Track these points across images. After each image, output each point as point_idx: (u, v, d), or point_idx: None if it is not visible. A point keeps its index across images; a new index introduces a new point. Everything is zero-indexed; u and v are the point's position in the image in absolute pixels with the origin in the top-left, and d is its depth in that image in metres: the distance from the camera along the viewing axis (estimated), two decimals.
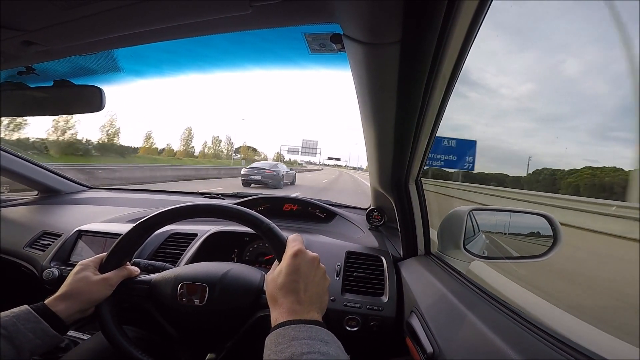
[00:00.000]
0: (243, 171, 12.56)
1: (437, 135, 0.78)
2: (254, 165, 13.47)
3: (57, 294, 0.62)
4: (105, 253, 0.70)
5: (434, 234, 1.04)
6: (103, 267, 0.68)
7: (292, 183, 14.06)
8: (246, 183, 12.02)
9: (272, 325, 0.47)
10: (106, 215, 1.41)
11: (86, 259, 0.68)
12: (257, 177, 12.01)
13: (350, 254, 1.04)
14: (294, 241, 0.57)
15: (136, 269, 0.72)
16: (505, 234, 1.10)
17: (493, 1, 0.43)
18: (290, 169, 15.50)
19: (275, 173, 12.35)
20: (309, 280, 0.52)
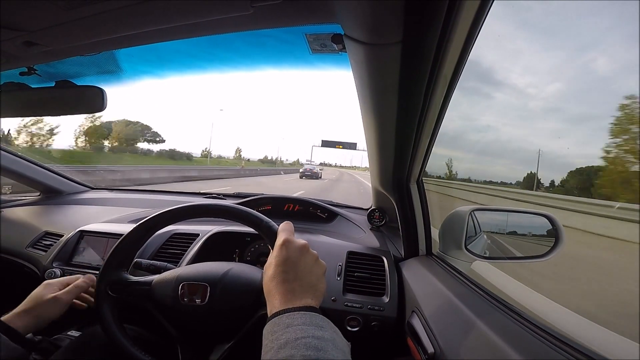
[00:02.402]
0: (300, 170, 24.01)
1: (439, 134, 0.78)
2: (305, 167, 25.67)
3: (16, 310, 0.68)
4: (75, 277, 0.76)
5: (435, 234, 1.04)
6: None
7: (320, 177, 23.07)
8: (301, 176, 21.48)
9: (268, 316, 0.47)
10: (108, 216, 1.41)
11: (53, 279, 0.75)
12: (308, 173, 21.83)
13: (351, 254, 1.04)
14: (282, 231, 0.57)
15: (87, 281, 0.77)
16: (507, 234, 1.10)
17: (494, 1, 0.42)
18: (320, 169, 26.63)
19: (316, 170, 22.95)
20: (299, 269, 0.52)
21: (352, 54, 0.55)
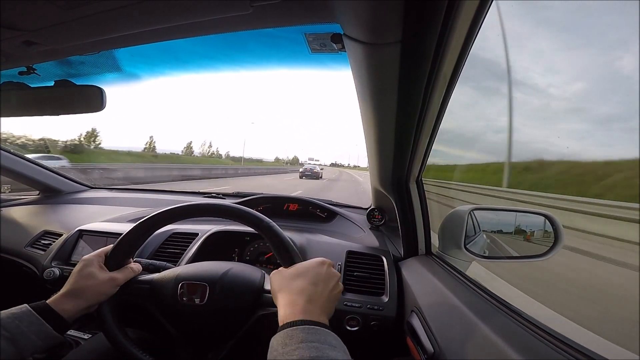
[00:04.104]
0: (300, 170, 23.30)
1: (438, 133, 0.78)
2: (305, 166, 24.90)
3: (62, 291, 0.61)
4: (110, 246, 0.70)
5: (434, 234, 1.04)
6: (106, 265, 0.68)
7: (321, 177, 22.41)
8: (301, 176, 20.89)
9: (280, 324, 0.47)
10: (107, 215, 1.41)
11: (88, 255, 0.67)
12: (308, 173, 21.22)
13: (350, 254, 1.04)
14: (324, 258, 0.62)
15: (139, 267, 0.73)
16: (507, 233, 1.10)
17: (494, 1, 0.43)
18: (321, 169, 26.00)
19: (317, 171, 22.11)
20: (327, 289, 0.56)
21: (352, 53, 0.55)
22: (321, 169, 25.81)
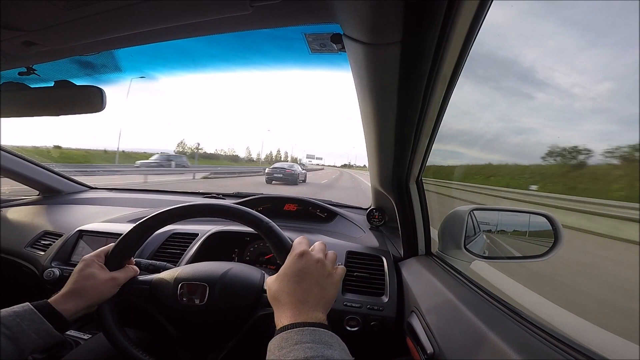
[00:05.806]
0: (267, 170, 15.04)
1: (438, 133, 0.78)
2: (276, 165, 15.48)
3: (63, 291, 0.61)
4: (110, 245, 0.70)
5: (434, 234, 1.04)
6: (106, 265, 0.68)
7: (304, 181, 16.12)
8: (269, 180, 13.99)
9: (277, 328, 0.47)
10: (107, 215, 1.41)
11: (89, 254, 0.67)
12: (279, 175, 14.01)
13: (350, 254, 1.04)
14: (299, 244, 0.59)
15: (137, 268, 0.73)
16: (506, 233, 1.10)
17: (494, 1, 0.43)
18: (302, 169, 18.03)
19: (292, 172, 14.44)
20: (313, 281, 0.53)
21: (352, 53, 0.55)
22: (303, 171, 17.81)
